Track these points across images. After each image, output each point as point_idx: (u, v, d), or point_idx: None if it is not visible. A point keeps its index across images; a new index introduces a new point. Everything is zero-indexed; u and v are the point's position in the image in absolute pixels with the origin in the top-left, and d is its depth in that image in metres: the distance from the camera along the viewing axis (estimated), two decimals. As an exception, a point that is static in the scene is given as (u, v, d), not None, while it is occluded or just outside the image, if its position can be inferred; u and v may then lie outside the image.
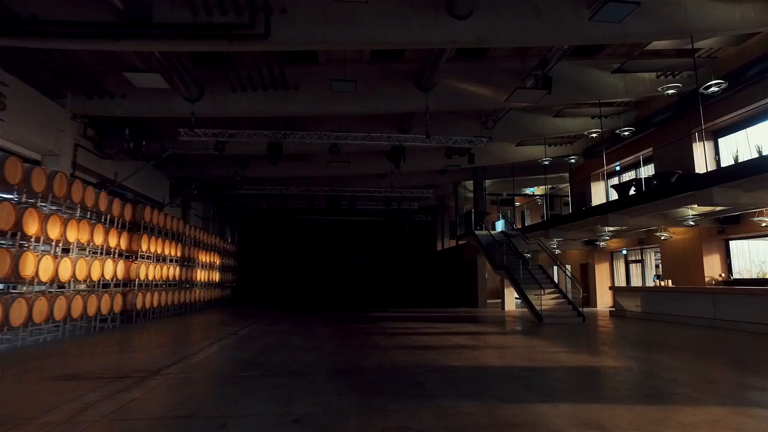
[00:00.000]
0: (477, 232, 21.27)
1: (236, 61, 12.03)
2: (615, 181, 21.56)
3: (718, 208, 11.78)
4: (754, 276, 15.67)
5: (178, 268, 17.70)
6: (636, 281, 20.03)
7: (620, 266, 21.13)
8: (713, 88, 12.64)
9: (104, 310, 11.69)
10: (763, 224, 12.55)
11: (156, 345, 10.16)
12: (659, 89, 13.29)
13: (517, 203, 31.01)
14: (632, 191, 15.60)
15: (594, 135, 17.06)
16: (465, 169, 25.06)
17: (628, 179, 19.86)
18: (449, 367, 7.15)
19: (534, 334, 11.52)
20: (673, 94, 12.92)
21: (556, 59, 12.84)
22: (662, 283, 14.71)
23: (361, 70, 13.04)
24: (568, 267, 23.37)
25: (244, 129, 14.17)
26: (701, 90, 12.90)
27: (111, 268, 12.36)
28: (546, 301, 14.58)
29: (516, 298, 20.63)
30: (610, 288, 16.77)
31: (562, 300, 15.01)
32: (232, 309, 22.54)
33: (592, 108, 17.60)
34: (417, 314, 18.50)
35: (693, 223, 13.37)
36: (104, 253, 12.19)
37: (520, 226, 22.85)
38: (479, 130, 16.65)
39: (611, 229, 16.56)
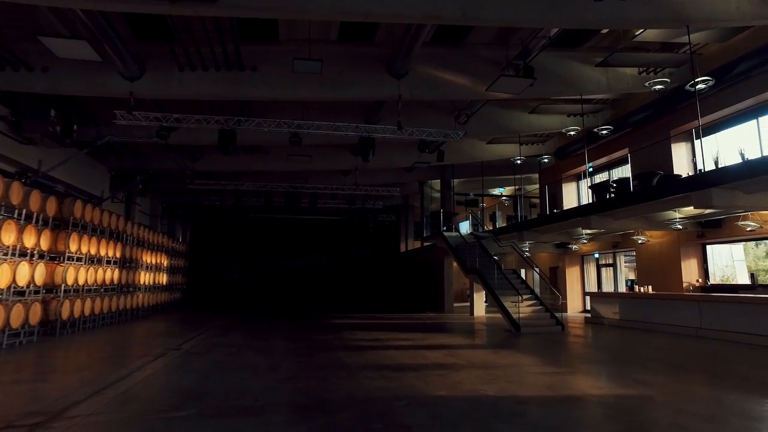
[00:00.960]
0: (446, 234, 20.23)
1: (183, 34, 10.40)
2: (587, 182, 21.07)
3: (708, 211, 11.12)
4: (718, 281, 15.35)
5: (117, 271, 15.74)
6: (608, 286, 19.50)
7: (591, 270, 20.60)
8: (700, 86, 12.04)
9: (15, 323, 9.79)
10: (748, 228, 12.01)
11: (74, 368, 8.45)
12: (646, 84, 12.56)
13: (482, 204, 30.32)
14: (611, 193, 14.91)
15: (572, 133, 16.28)
16: (432, 168, 24.07)
17: (602, 180, 19.33)
18: (435, 398, 5.91)
19: (516, 348, 10.48)
20: (660, 89, 12.19)
21: (539, 49, 11.88)
22: (641, 289, 14.06)
23: (327, 52, 11.62)
24: (537, 271, 22.73)
25: (192, 114, 12.47)
26: (687, 87, 12.28)
27: (26, 272, 10.44)
28: (522, 308, 13.63)
29: (486, 303, 19.74)
30: (587, 294, 16.05)
31: (539, 307, 14.11)
32: (181, 314, 20.60)
33: (568, 105, 16.89)
34: (382, 321, 17.24)
35: (680, 227, 12.73)
36: (17, 255, 10.27)
37: (490, 228, 21.96)
38: (452, 124, 15.56)
39: (589, 232, 15.85)
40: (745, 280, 15.45)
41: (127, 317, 16.64)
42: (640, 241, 15.65)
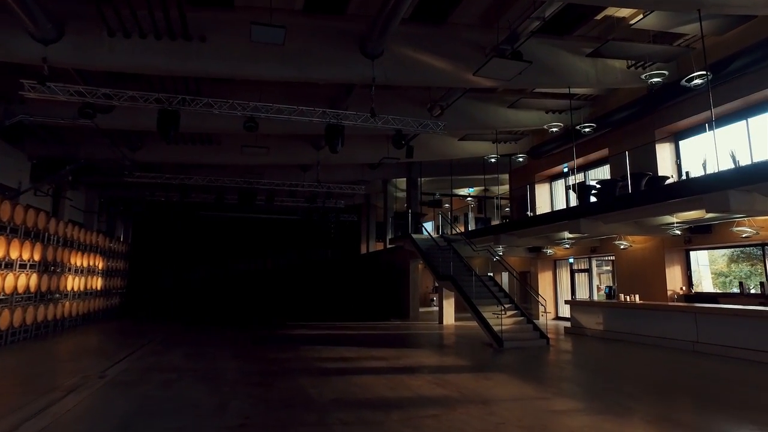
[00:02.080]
0: (414, 236, 18.83)
1: (113, -11, 8.48)
2: (565, 183, 20.22)
3: (709, 215, 10.20)
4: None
5: (35, 276, 13.38)
6: (582, 292, 18.68)
7: (564, 275, 19.73)
8: (697, 81, 11.16)
9: None
10: (744, 235, 11.21)
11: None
12: (643, 77, 11.56)
13: (447, 205, 29.19)
14: (594, 194, 13.94)
15: (555, 129, 15.25)
16: (398, 165, 22.67)
17: (579, 182, 18.49)
18: (439, 462, 4.40)
19: (508, 370, 9.15)
20: (657, 82, 11.21)
21: (530, 33, 10.64)
22: (627, 298, 13.12)
23: (291, 23, 9.90)
24: (505, 276, 21.75)
25: (126, 90, 10.43)
26: (683, 82, 11.37)
27: None
28: (503, 319, 12.36)
29: (461, 311, 18.49)
30: (567, 302, 15.05)
31: (521, 318, 12.91)
32: (117, 324, 18.22)
33: (548, 100, 15.86)
34: (347, 331, 15.62)
35: (678, 232, 11.83)
36: None
37: (461, 230, 20.73)
38: (425, 117, 14.14)
39: (571, 236, 14.84)
40: (709, 286, 14.79)
41: (50, 330, 14.27)
42: (622, 246, 14.78)
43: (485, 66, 9.49)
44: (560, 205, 20.02)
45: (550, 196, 20.54)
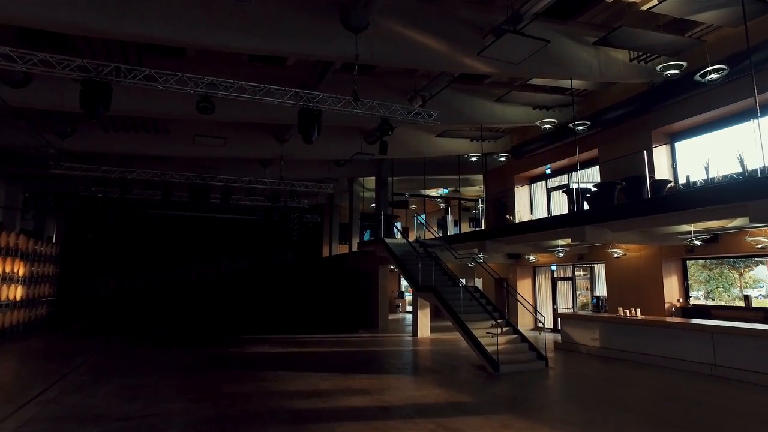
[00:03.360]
0: (388, 241, 17.18)
1: None
2: (540, 184, 19.12)
3: (734, 224, 9.10)
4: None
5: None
6: (565, 301, 17.60)
7: (544, 283, 18.61)
8: (712, 75, 10.10)
9: None
10: (760, 245, 10.21)
11: None
12: (658, 69, 10.35)
13: (413, 206, 27.72)
14: (588, 198, 12.75)
15: (548, 126, 14.00)
16: (365, 163, 21.00)
17: (561, 184, 17.41)
18: None
19: (521, 410, 7.64)
20: (674, 75, 10.03)
21: (533, 15, 9.24)
22: (627, 312, 11.97)
23: (257, -18, 8.07)
24: (479, 282, 20.47)
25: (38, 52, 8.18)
26: (697, 77, 10.29)
27: None
28: (492, 338, 10.89)
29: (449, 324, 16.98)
30: (558, 315, 13.81)
31: (514, 335, 11.47)
32: (42, 341, 15.60)
33: (538, 94, 14.61)
34: (313, 348, 13.78)
35: (698, 242, 10.72)
36: None
37: (434, 235, 19.24)
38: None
39: (564, 243, 13.60)
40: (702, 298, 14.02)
41: (-52, 352, 11.68)
42: (615, 255, 13.68)
43: (494, 44, 7.94)
44: (540, 209, 18.91)
45: (530, 200, 19.39)
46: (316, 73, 11.42)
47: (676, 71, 9.83)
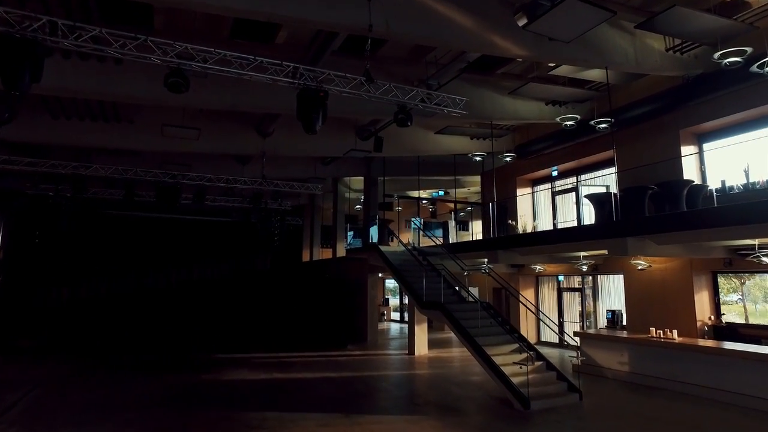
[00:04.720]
0: (383, 248, 15.45)
1: None
2: (545, 187, 17.70)
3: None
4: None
5: None
6: (571, 314, 16.22)
7: (548, 294, 17.19)
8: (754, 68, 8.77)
9: None
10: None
11: None
12: (715, 57, 8.94)
13: (398, 208, 26.06)
14: (613, 205, 11.31)
15: (570, 123, 12.55)
16: (354, 161, 19.38)
17: (569, 186, 16.01)
18: None
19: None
20: (736, 62, 8.65)
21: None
22: (659, 332, 10.56)
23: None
24: (475, 290, 18.93)
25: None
26: (754, 68, 8.96)
27: None
28: (513, 365, 9.31)
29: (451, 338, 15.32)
30: (576, 333, 12.32)
31: (540, 362, 9.90)
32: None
33: (557, 87, 13.09)
34: (302, 374, 11.93)
35: (766, 260, 9.31)
36: None
37: (439, 243, 17.57)
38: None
39: (587, 254, 12.15)
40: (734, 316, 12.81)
41: None
42: (639, 267, 12.30)
43: (549, 13, 6.30)
44: (545, 214, 17.51)
45: (532, 204, 17.97)
46: (310, 54, 9.61)
47: (737, 58, 8.43)
